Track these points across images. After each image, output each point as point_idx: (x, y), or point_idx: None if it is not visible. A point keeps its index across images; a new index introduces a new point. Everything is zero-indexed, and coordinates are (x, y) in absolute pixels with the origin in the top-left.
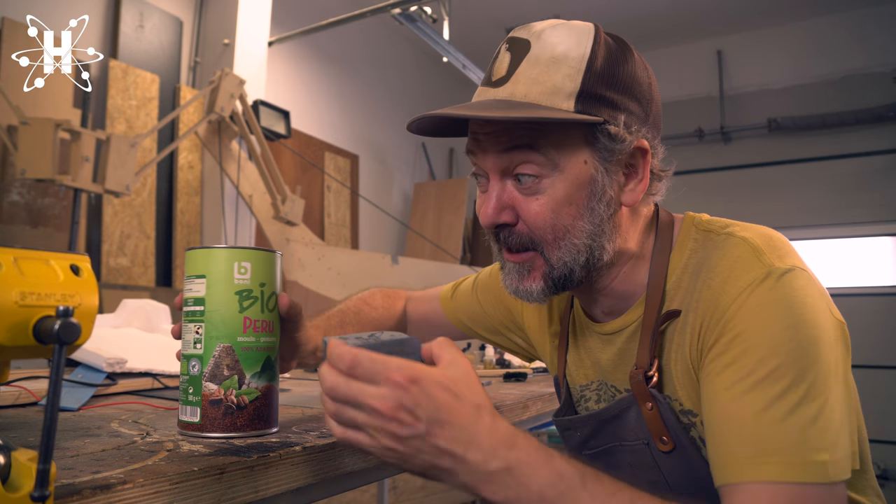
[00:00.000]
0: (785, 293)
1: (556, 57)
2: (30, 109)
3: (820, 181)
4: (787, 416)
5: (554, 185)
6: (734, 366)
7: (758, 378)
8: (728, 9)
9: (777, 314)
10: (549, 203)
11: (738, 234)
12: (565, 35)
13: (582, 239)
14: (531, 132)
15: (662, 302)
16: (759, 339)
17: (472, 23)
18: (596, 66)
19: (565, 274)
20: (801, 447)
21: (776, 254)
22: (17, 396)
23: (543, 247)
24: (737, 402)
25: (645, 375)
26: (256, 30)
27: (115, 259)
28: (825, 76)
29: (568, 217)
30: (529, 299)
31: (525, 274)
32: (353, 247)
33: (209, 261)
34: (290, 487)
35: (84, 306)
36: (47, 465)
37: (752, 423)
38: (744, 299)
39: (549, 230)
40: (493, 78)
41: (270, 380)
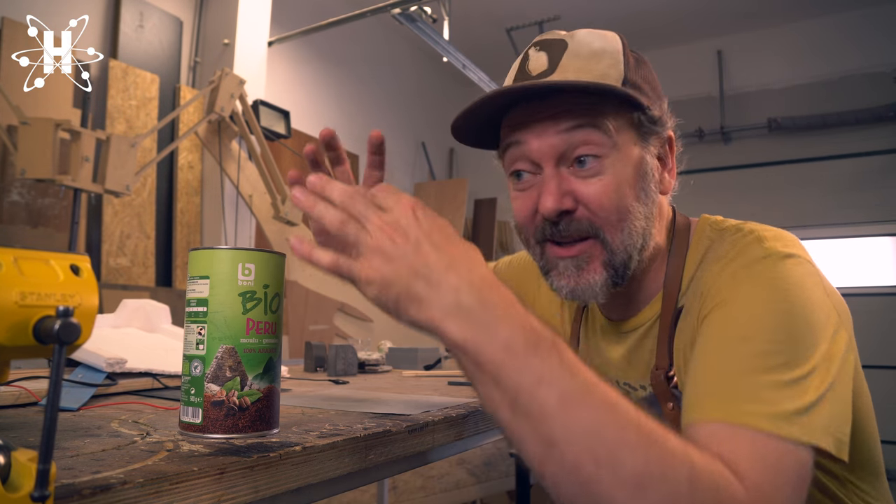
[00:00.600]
0: (780, 272)
1: (595, 51)
2: (30, 109)
3: (820, 181)
4: (763, 373)
5: (615, 165)
6: (721, 325)
7: (742, 336)
8: (728, 9)
9: (770, 288)
10: (613, 183)
11: (747, 227)
12: (597, 36)
13: (640, 222)
14: (594, 110)
15: (678, 301)
16: (751, 306)
17: (472, 23)
18: (630, 60)
19: (625, 260)
20: (772, 402)
21: (780, 242)
22: (17, 396)
23: (605, 231)
24: (716, 354)
25: (666, 375)
26: (256, 30)
27: (115, 259)
28: (825, 76)
29: (630, 198)
30: (590, 295)
31: (584, 266)
32: None
33: (213, 261)
34: (290, 487)
35: (84, 306)
36: (47, 465)
37: (728, 372)
38: (741, 274)
39: (613, 211)
40: (532, 73)
41: (272, 381)
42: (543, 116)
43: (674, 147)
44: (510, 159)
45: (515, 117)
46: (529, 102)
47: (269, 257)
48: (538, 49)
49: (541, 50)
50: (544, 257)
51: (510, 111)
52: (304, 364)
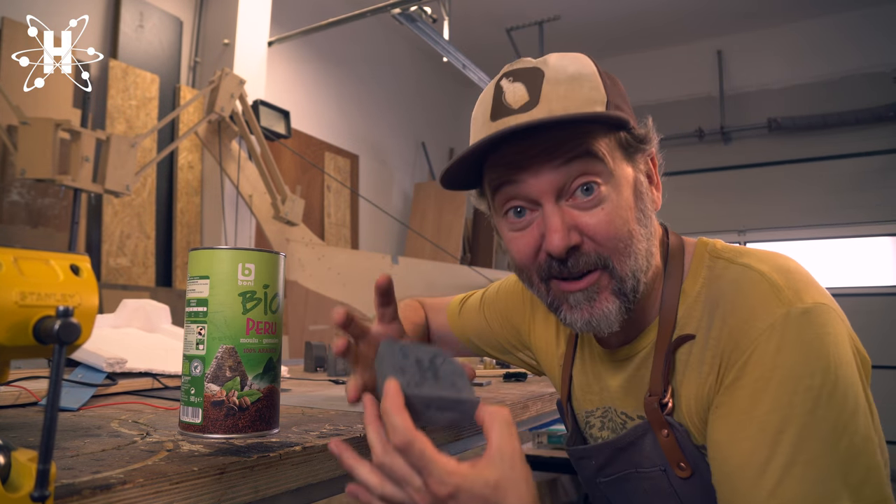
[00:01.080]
0: (804, 335)
1: (572, 76)
2: (30, 109)
3: (820, 181)
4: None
5: (614, 191)
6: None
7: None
8: (728, 9)
9: (792, 358)
10: (614, 210)
11: (755, 266)
12: (569, 60)
13: (643, 243)
14: (585, 139)
15: (674, 328)
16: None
17: (472, 23)
18: (606, 80)
19: (634, 286)
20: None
21: (794, 289)
22: (17, 396)
23: (613, 260)
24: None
25: (660, 402)
26: (256, 30)
27: (115, 259)
28: (825, 76)
29: (632, 221)
30: (606, 325)
31: (595, 297)
32: (353, 247)
33: (213, 262)
34: (290, 487)
35: (84, 306)
36: (47, 465)
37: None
38: (762, 343)
39: (619, 239)
40: (514, 106)
41: (272, 381)
42: (536, 152)
43: (656, 162)
44: (504, 198)
45: (506, 156)
46: (518, 141)
47: (269, 257)
48: (512, 80)
49: (515, 80)
50: (551, 293)
51: (498, 149)
52: (304, 364)
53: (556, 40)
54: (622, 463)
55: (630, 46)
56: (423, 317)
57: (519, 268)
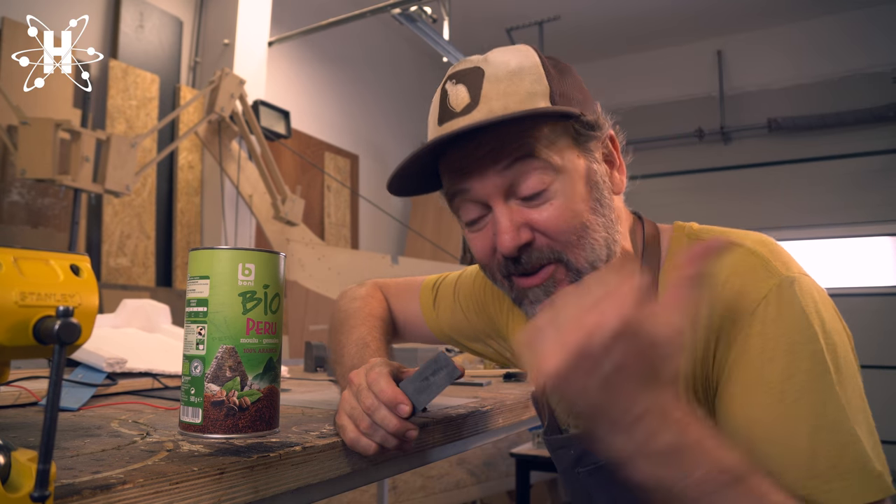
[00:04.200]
0: (798, 303)
1: (513, 70)
2: (30, 109)
3: (820, 181)
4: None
5: (563, 186)
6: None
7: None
8: (728, 9)
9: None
10: (564, 205)
11: (738, 242)
12: (510, 54)
13: (600, 233)
14: (528, 140)
15: None
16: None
17: (472, 23)
18: (551, 70)
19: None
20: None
21: (780, 261)
22: (17, 396)
23: (567, 253)
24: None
25: None
26: (256, 30)
27: (115, 259)
28: (825, 76)
29: (585, 213)
30: None
31: (552, 291)
32: (353, 247)
33: (213, 262)
34: (290, 487)
35: (84, 306)
36: (47, 465)
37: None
38: (760, 315)
39: (572, 232)
40: (456, 110)
41: (272, 381)
42: (480, 156)
43: (617, 143)
44: (457, 206)
45: (452, 162)
46: (462, 144)
47: (269, 257)
48: (455, 82)
49: (458, 83)
50: (514, 289)
51: (446, 154)
52: (304, 364)
53: (556, 40)
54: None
55: (630, 46)
56: (386, 308)
57: (481, 266)
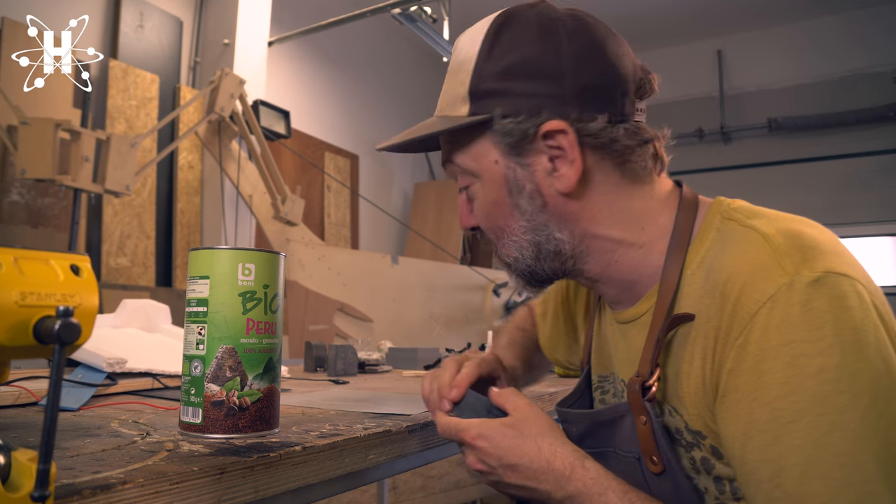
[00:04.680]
0: (812, 307)
1: (458, 63)
2: (30, 109)
3: (820, 181)
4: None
5: (479, 191)
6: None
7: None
8: (728, 9)
9: (802, 335)
10: (481, 207)
11: (761, 228)
12: (466, 38)
13: (519, 235)
14: (446, 147)
15: (674, 298)
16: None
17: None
18: (486, 58)
19: (524, 270)
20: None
21: (801, 256)
22: (17, 396)
23: (495, 246)
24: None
25: (643, 385)
26: (256, 30)
27: (115, 259)
28: (825, 76)
29: (500, 217)
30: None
31: (507, 271)
32: (353, 247)
33: (213, 262)
34: (290, 487)
35: (84, 306)
36: (47, 465)
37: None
38: (762, 318)
39: (491, 231)
40: None
41: (272, 381)
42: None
43: (570, 136)
44: None
45: None
46: None
47: (269, 257)
48: None
49: None
50: None
51: None
52: (304, 364)
53: None
54: (601, 438)
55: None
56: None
57: None
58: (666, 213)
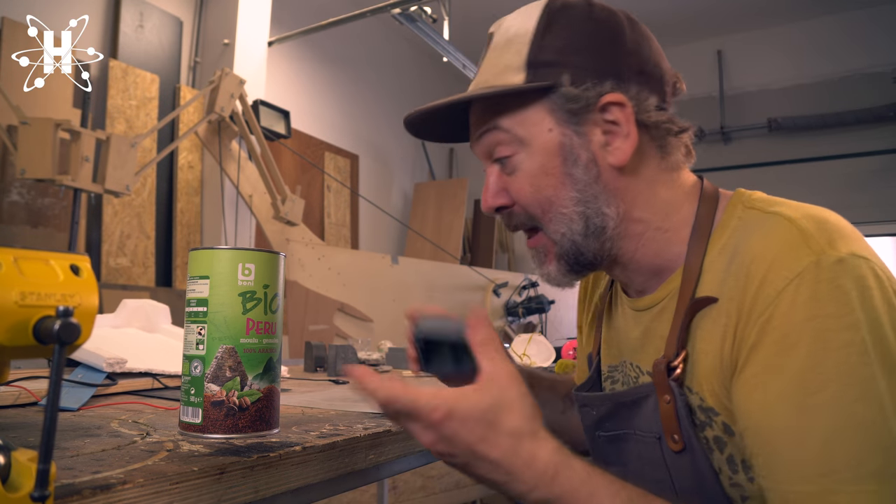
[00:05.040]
0: (838, 284)
1: (509, 38)
2: (30, 109)
3: (820, 181)
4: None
5: (525, 160)
6: (781, 373)
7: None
8: (728, 9)
9: (829, 310)
10: (526, 178)
11: (785, 213)
12: (518, 16)
13: (570, 207)
14: (492, 114)
15: (697, 283)
16: (810, 340)
17: (472, 23)
18: (544, 34)
19: (570, 248)
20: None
21: (827, 238)
22: (17, 396)
23: (542, 222)
24: (792, 417)
25: (668, 366)
26: (256, 30)
27: (115, 259)
28: (825, 76)
29: (549, 188)
30: (556, 283)
31: (542, 258)
32: (353, 247)
33: (213, 262)
34: (290, 487)
35: (84, 306)
36: (47, 465)
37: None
38: (789, 294)
39: (535, 205)
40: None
41: (272, 381)
42: (470, 123)
43: (628, 110)
44: None
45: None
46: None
47: (269, 257)
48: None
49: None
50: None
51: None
52: (304, 364)
53: None
54: (621, 420)
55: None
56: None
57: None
58: (688, 204)
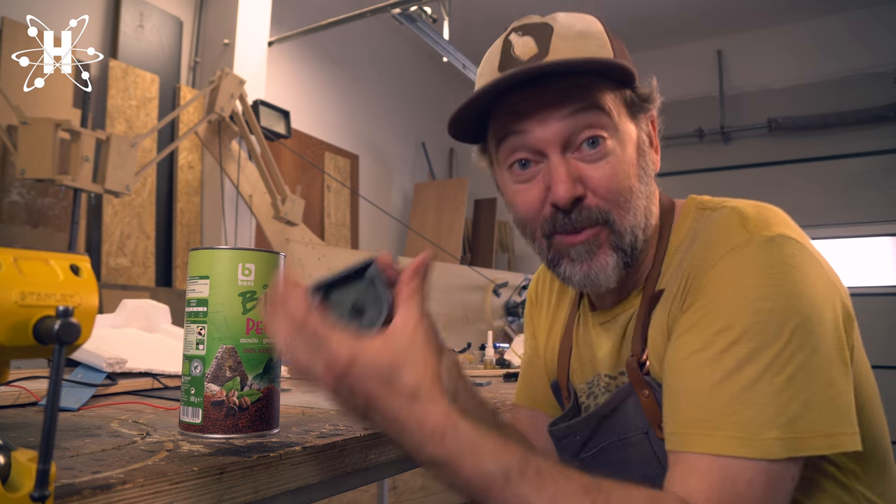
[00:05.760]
0: (764, 259)
1: (581, 32)
2: (30, 109)
3: (820, 181)
4: (742, 391)
5: (618, 146)
6: (695, 331)
7: (718, 348)
8: (728, 9)
9: (748, 280)
10: (618, 165)
11: (730, 205)
12: (577, 19)
13: (643, 200)
14: (592, 91)
15: (657, 283)
16: (725, 304)
17: (472, 23)
18: (613, 40)
19: (632, 241)
20: (748, 422)
21: (763, 222)
22: (17, 396)
23: (614, 214)
24: (694, 371)
25: (638, 362)
26: (256, 30)
27: (115, 259)
28: (825, 76)
29: (633, 178)
30: (603, 280)
31: (595, 251)
32: (353, 247)
33: (213, 262)
34: (290, 487)
35: (84, 306)
36: (47, 465)
37: (704, 393)
38: (721, 265)
39: (620, 193)
40: (523, 58)
41: (272, 381)
42: (543, 101)
43: (656, 126)
44: (509, 149)
45: (511, 105)
46: (524, 89)
47: (269, 257)
48: (521, 34)
49: (524, 35)
50: (552, 249)
51: (503, 99)
52: None
53: None
54: (605, 433)
55: (630, 46)
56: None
57: (522, 223)
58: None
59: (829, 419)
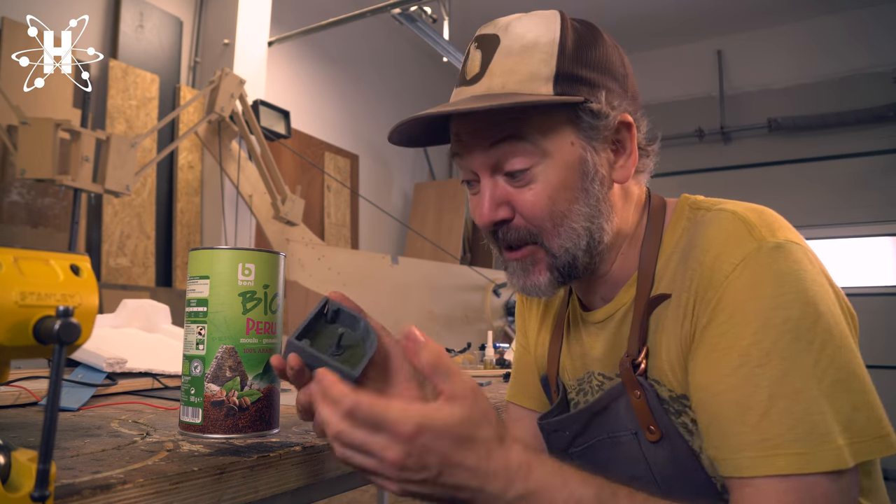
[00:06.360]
0: (777, 268)
1: (527, 45)
2: (30, 109)
3: (820, 181)
4: (791, 404)
5: (546, 172)
6: (724, 350)
7: (754, 363)
8: (728, 9)
9: (767, 291)
10: (545, 190)
11: (729, 208)
12: (532, 24)
13: (580, 223)
14: (515, 122)
15: (652, 283)
16: (749, 319)
17: (472, 23)
18: (568, 48)
19: (569, 261)
20: (811, 434)
21: (767, 227)
22: (17, 396)
23: (543, 237)
24: (734, 393)
25: (633, 363)
26: (256, 30)
27: (115, 259)
28: (825, 76)
29: (564, 202)
30: (538, 294)
31: (530, 269)
32: (353, 247)
33: (213, 262)
34: (290, 487)
35: (84, 306)
36: (47, 465)
37: (754, 413)
38: (735, 277)
39: (547, 218)
40: (467, 77)
41: (272, 381)
42: (471, 130)
43: (633, 129)
44: (458, 167)
45: (454, 128)
46: (459, 116)
47: (269, 257)
48: (476, 47)
49: (478, 47)
50: (501, 257)
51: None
52: None
53: None
54: (596, 429)
55: (630, 46)
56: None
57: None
58: (643, 215)
59: (876, 420)
